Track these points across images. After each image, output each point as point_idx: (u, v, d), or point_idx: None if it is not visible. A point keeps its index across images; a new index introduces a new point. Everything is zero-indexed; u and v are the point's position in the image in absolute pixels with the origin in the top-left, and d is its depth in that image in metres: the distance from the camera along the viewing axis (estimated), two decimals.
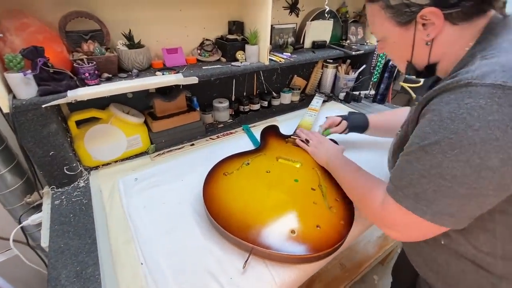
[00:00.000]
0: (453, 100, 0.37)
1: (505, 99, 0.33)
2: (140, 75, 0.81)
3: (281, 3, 1.14)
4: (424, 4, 0.42)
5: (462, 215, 0.40)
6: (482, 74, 0.35)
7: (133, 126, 0.88)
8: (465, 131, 0.35)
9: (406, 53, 0.50)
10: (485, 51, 0.40)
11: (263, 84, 1.28)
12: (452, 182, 0.38)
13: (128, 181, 0.80)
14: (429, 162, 0.39)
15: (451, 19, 0.43)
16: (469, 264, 0.48)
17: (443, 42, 0.45)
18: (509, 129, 0.33)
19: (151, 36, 0.90)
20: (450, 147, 0.37)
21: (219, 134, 1.05)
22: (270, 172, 0.76)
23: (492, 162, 0.35)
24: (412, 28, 0.46)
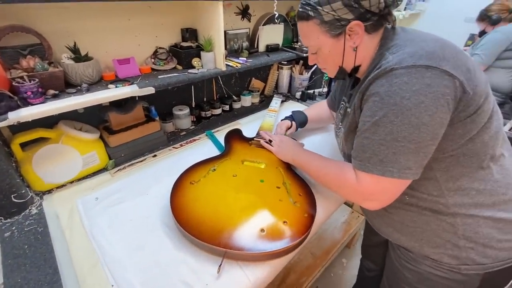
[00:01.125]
0: (385, 82, 0.49)
1: (418, 74, 0.46)
2: (91, 89, 0.77)
3: (233, 9, 1.17)
4: (350, 19, 0.55)
5: (417, 165, 0.50)
6: (398, 61, 0.49)
7: (87, 142, 0.84)
8: (401, 101, 0.47)
9: (338, 60, 0.62)
10: (390, 49, 0.54)
11: (222, 89, 1.29)
12: (404, 142, 0.48)
13: (88, 202, 0.76)
14: (383, 132, 0.50)
15: (367, 30, 0.57)
16: (430, 214, 0.58)
17: (363, 47, 0.59)
18: (427, 93, 0.46)
19: (100, 47, 0.86)
20: (395, 116, 0.48)
21: (182, 142, 1.04)
22: (236, 175, 0.78)
23: (425, 119, 0.47)
24: (342, 38, 0.58)
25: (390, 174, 0.51)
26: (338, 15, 0.55)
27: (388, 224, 0.67)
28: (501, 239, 0.56)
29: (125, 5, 0.86)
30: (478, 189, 0.55)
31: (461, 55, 0.50)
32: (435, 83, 0.46)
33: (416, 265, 0.65)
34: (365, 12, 0.54)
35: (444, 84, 0.46)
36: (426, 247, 0.61)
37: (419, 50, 0.48)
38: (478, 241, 0.56)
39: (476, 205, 0.56)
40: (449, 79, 0.46)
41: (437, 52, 0.48)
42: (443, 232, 0.58)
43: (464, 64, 0.49)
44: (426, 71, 0.46)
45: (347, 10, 0.54)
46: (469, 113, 0.50)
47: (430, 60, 0.47)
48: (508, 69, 1.82)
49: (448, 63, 0.47)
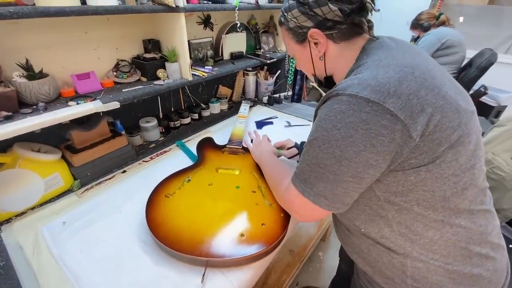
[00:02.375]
0: (328, 105, 0.48)
1: (357, 106, 0.43)
2: (50, 108, 0.73)
3: (194, 18, 1.17)
4: (309, 26, 0.54)
5: (334, 198, 0.49)
6: (345, 86, 0.46)
7: (48, 164, 0.79)
8: (332, 130, 0.45)
9: (309, 67, 0.62)
10: (358, 68, 0.50)
11: (190, 97, 1.29)
12: (324, 170, 0.48)
13: (54, 228, 0.71)
14: (311, 154, 0.50)
15: (333, 39, 0.55)
16: (382, 248, 0.55)
17: (331, 57, 0.57)
18: (359, 129, 0.43)
19: (55, 62, 0.82)
20: (323, 142, 0.47)
21: (152, 155, 1.02)
22: (212, 184, 0.79)
23: (348, 154, 0.44)
24: (308, 46, 0.58)
25: (308, 196, 0.51)
26: (299, 22, 0.55)
27: (348, 244, 0.65)
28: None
29: (81, 18, 0.83)
30: (432, 239, 0.50)
31: (431, 90, 0.43)
32: (371, 120, 0.42)
33: (371, 287, 0.63)
34: (324, 20, 0.52)
35: (382, 123, 0.42)
36: (377, 275, 0.59)
37: (371, 79, 0.44)
38: (427, 286, 0.52)
39: (428, 251, 0.51)
40: (390, 120, 0.41)
41: (389, 85, 0.42)
42: (393, 267, 0.55)
43: (427, 103, 0.42)
44: (366, 104, 0.42)
45: (305, 18, 0.54)
46: (423, 162, 0.44)
47: (376, 93, 0.42)
48: (446, 65, 2.08)
49: (397, 101, 0.41)
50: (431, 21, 2.10)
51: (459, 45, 2.02)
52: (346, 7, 0.50)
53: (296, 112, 1.45)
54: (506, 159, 1.06)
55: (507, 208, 1.08)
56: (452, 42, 1.99)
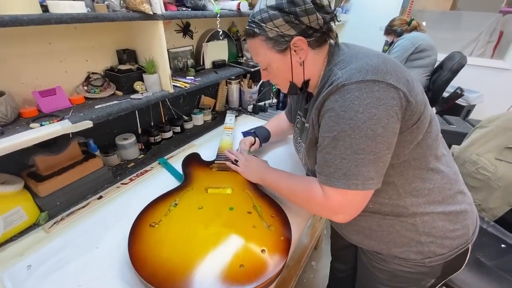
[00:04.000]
0: (339, 98, 0.51)
1: (368, 88, 0.49)
2: (8, 132, 0.62)
3: (173, 26, 1.10)
4: (293, 35, 0.57)
5: (378, 175, 0.53)
6: (348, 76, 0.51)
7: (7, 197, 0.67)
8: (356, 115, 0.49)
9: (288, 74, 0.64)
10: (338, 65, 0.57)
11: (171, 110, 1.20)
12: (364, 154, 0.50)
13: (17, 273, 0.60)
14: (343, 146, 0.51)
15: (311, 45, 0.59)
16: (392, 217, 0.62)
17: (310, 62, 0.61)
18: (378, 106, 0.49)
19: (13, 78, 0.71)
20: (352, 130, 0.50)
21: (132, 176, 0.92)
22: (202, 207, 0.72)
23: (379, 130, 0.49)
24: (289, 53, 0.60)
25: (355, 187, 0.52)
26: (281, 31, 0.57)
27: (357, 232, 0.70)
28: (453, 229, 0.62)
29: (43, 28, 0.73)
30: (429, 188, 0.60)
31: (400, 68, 0.54)
32: (383, 96, 0.49)
33: (386, 265, 0.69)
34: (306, 28, 0.57)
35: (391, 96, 0.49)
36: (393, 248, 0.65)
37: (365, 66, 0.51)
38: (436, 235, 0.62)
39: (430, 203, 0.61)
40: (395, 91, 0.50)
41: (380, 67, 0.51)
42: (406, 232, 0.62)
43: (404, 76, 0.53)
44: (374, 85, 0.49)
45: (289, 27, 0.56)
46: (414, 121, 0.54)
47: (376, 74, 0.50)
48: (420, 68, 2.16)
49: (391, 77, 0.50)
50: (403, 27, 2.19)
51: (431, 49, 2.11)
52: (326, 16, 0.57)
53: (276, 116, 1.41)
54: (490, 159, 1.09)
55: (494, 207, 1.11)
56: (425, 46, 2.08)
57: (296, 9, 0.55)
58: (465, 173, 1.16)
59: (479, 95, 2.57)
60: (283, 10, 0.56)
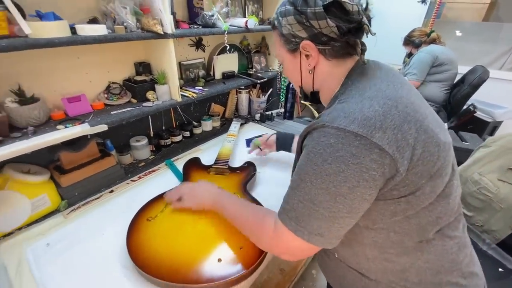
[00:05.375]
0: (315, 137, 0.46)
1: (346, 140, 0.42)
2: (38, 132, 0.76)
3: (186, 41, 1.22)
4: (303, 37, 0.52)
5: (330, 235, 0.47)
6: (331, 118, 0.44)
7: (36, 185, 0.81)
8: (323, 164, 0.44)
9: (297, 78, 0.60)
10: (342, 95, 0.50)
11: (181, 116, 1.32)
12: (319, 207, 0.45)
13: (38, 249, 0.73)
14: (303, 190, 0.47)
15: (325, 54, 0.53)
16: (356, 273, 0.57)
17: (320, 73, 0.56)
18: (350, 163, 0.42)
19: (47, 86, 0.85)
20: (315, 177, 0.45)
21: (141, 174, 1.04)
22: None
23: (343, 189, 0.43)
24: (298, 56, 0.56)
25: (301, 235, 0.48)
26: (293, 30, 0.52)
27: (325, 268, 0.68)
28: None
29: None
30: (405, 266, 0.52)
31: (414, 124, 0.44)
32: (361, 154, 0.41)
33: None
34: (319, 33, 0.50)
35: (371, 158, 0.41)
36: None
37: (357, 112, 0.43)
38: None
39: (401, 279, 0.53)
40: (379, 154, 0.41)
41: (375, 119, 0.42)
42: None
43: (413, 135, 0.43)
44: (355, 139, 0.42)
45: (300, 27, 0.51)
46: (404, 193, 0.45)
47: (363, 127, 0.42)
48: (438, 82, 2.10)
49: (383, 135, 0.41)
50: (423, 38, 2.15)
51: (450, 63, 2.05)
52: (344, 25, 0.48)
53: (288, 129, 1.47)
54: (492, 180, 1.06)
55: (496, 230, 1.08)
56: (444, 60, 2.03)
57: (307, 10, 0.49)
58: (467, 192, 1.14)
59: (507, 111, 2.42)
60: (296, 7, 0.51)
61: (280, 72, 1.57)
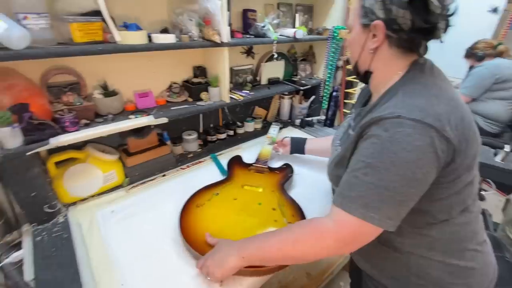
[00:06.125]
0: (390, 127, 0.48)
1: (423, 130, 0.47)
2: (115, 119, 0.93)
3: (238, 49, 1.34)
4: (379, 17, 0.53)
5: (397, 218, 0.51)
6: (408, 111, 0.48)
7: (108, 162, 0.99)
8: (402, 152, 0.47)
9: (357, 52, 0.61)
10: (403, 87, 0.53)
11: (228, 116, 1.44)
12: (393, 192, 0.48)
13: (105, 214, 0.89)
14: (375, 177, 0.49)
15: (390, 41, 0.55)
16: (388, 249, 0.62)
17: (380, 57, 0.57)
18: (427, 152, 0.47)
19: (123, 83, 1.03)
20: (392, 164, 0.48)
21: (189, 164, 1.18)
22: (237, 199, 0.90)
23: (418, 175, 0.48)
24: (367, 33, 0.57)
25: (371, 220, 0.49)
26: (374, 6, 0.53)
27: (357, 252, 0.69)
28: (451, 282, 0.59)
29: None
30: (435, 237, 0.58)
31: (467, 123, 0.51)
32: (436, 144, 0.47)
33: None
34: (393, 20, 0.51)
35: (442, 148, 0.47)
36: (384, 277, 0.66)
37: (429, 107, 0.48)
38: (429, 281, 0.59)
39: (430, 249, 0.59)
40: (447, 145, 0.48)
41: (445, 115, 0.48)
42: (397, 266, 0.62)
43: (466, 133, 0.50)
44: (430, 130, 0.46)
45: (381, 7, 0.52)
46: (447, 181, 0.52)
47: (437, 121, 0.47)
48: (502, 100, 1.90)
49: (451, 130, 0.48)
50: (487, 51, 1.96)
51: None
52: (419, 23, 0.50)
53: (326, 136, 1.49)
54: None
55: None
56: (509, 76, 1.83)
57: None
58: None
59: None
60: None
61: (324, 80, 1.61)
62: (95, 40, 0.81)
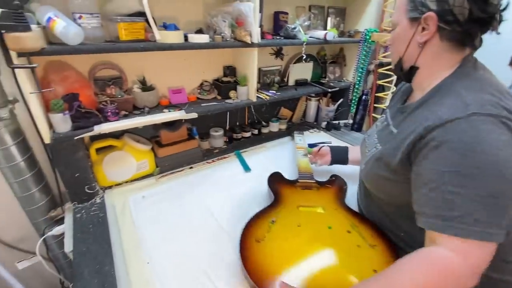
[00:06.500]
0: (468, 128, 0.44)
1: (502, 125, 0.44)
2: (151, 112, 1.01)
3: (268, 50, 1.37)
4: (432, 9, 0.51)
5: (508, 223, 0.43)
6: (479, 107, 0.45)
7: (142, 152, 1.07)
8: (495, 151, 0.42)
9: (401, 48, 0.59)
10: (469, 88, 0.49)
11: (253, 115, 1.48)
12: (500, 198, 0.42)
13: (137, 199, 0.96)
14: (475, 185, 0.42)
15: (441, 34, 0.52)
16: None
17: (430, 51, 0.55)
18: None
19: (159, 79, 1.11)
20: (492, 168, 0.42)
21: (214, 159, 1.23)
22: (300, 225, 0.75)
23: None
24: (415, 27, 0.54)
25: (489, 237, 0.42)
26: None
27: None
28: None
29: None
30: None
31: None
32: None
33: None
34: (448, 11, 0.49)
35: None
36: None
37: (499, 103, 0.46)
38: None
39: None
40: None
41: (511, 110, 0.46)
42: None
43: None
44: (507, 122, 0.44)
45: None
46: None
47: (510, 115, 0.45)
48: None
49: None
50: None
51: None
52: (477, 12, 0.48)
53: (353, 140, 1.47)
54: None
55: None
56: None
57: None
58: None
59: None
60: None
61: (354, 83, 1.59)
62: (138, 38, 0.88)
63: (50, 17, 0.72)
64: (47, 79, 0.83)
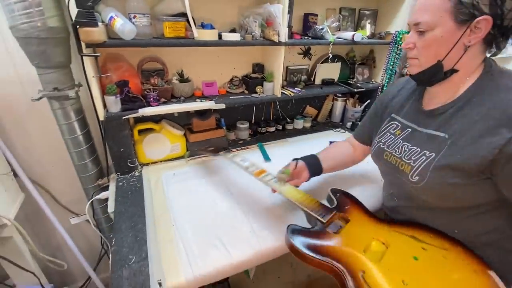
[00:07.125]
0: None
1: None
2: (186, 101, 1.14)
3: (296, 49, 1.45)
4: (485, 12, 0.50)
5: None
6: None
7: (176, 136, 1.21)
8: None
9: (442, 51, 0.56)
10: (496, 81, 0.55)
11: (279, 111, 1.56)
12: None
13: (168, 176, 1.10)
14: None
15: (486, 38, 0.53)
16: None
17: (472, 53, 0.55)
18: None
19: (195, 72, 1.25)
20: None
21: (238, 148, 1.33)
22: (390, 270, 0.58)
23: None
24: (463, 29, 0.53)
25: None
26: (477, 1, 0.50)
27: None
28: None
29: (218, 48, 1.24)
30: None
31: None
32: None
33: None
34: (500, 15, 0.50)
35: None
36: None
37: None
38: None
39: None
40: None
41: None
42: None
43: None
44: None
45: (488, 2, 0.50)
46: None
47: None
48: None
49: None
50: None
51: None
52: None
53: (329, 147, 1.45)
54: None
55: None
56: None
57: None
58: None
59: None
60: None
61: (382, 85, 1.58)
62: (179, 35, 1.02)
63: (112, 16, 0.88)
64: (105, 67, 1.01)
